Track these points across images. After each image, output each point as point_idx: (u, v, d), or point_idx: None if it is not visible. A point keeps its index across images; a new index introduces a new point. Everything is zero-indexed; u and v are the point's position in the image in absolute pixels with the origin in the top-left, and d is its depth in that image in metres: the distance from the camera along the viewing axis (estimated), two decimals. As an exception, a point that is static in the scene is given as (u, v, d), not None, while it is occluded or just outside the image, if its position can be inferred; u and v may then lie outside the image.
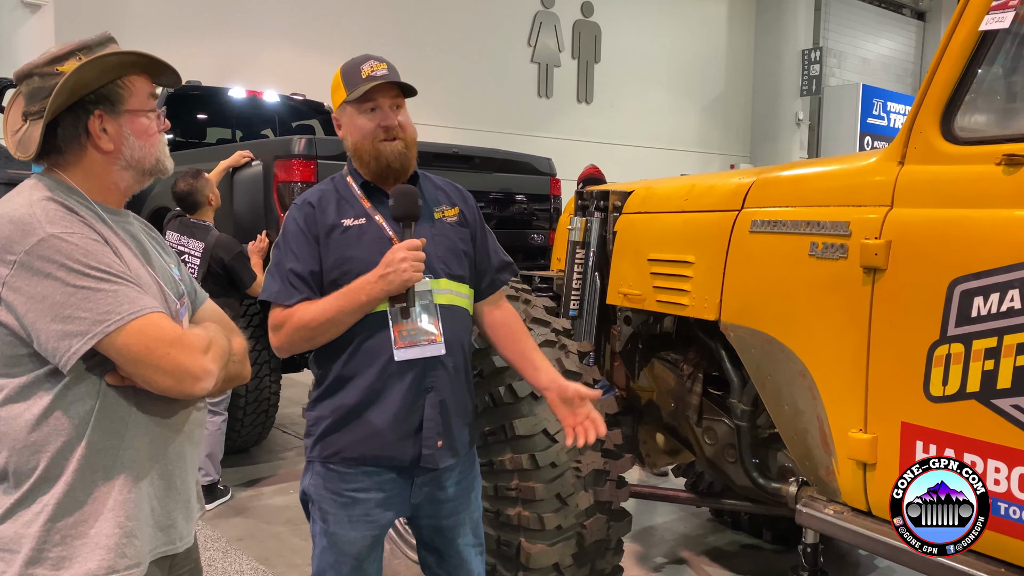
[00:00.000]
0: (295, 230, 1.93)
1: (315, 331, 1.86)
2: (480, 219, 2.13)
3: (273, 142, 5.71)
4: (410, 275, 1.82)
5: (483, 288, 2.09)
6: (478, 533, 2.11)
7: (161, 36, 10.02)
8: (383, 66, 1.93)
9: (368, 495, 1.93)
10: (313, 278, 1.90)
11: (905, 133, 2.07)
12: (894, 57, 20.90)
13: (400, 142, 1.94)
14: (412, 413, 1.90)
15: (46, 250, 1.32)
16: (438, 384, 1.92)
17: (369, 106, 1.92)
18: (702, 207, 2.69)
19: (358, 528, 1.93)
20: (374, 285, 1.83)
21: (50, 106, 1.39)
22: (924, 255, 1.95)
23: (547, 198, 5.42)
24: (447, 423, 1.94)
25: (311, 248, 1.91)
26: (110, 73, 1.45)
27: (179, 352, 1.37)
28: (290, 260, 1.91)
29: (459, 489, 2.03)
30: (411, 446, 1.91)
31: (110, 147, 1.47)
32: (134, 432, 1.43)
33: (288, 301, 1.88)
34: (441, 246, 1.97)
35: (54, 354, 1.33)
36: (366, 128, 1.93)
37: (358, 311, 1.85)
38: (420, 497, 1.98)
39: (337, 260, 1.90)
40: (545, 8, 15.03)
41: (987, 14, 1.89)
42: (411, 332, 1.88)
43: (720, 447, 2.86)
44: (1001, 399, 1.79)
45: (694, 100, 17.80)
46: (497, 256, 2.13)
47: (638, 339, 3.18)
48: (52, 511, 1.36)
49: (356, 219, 1.94)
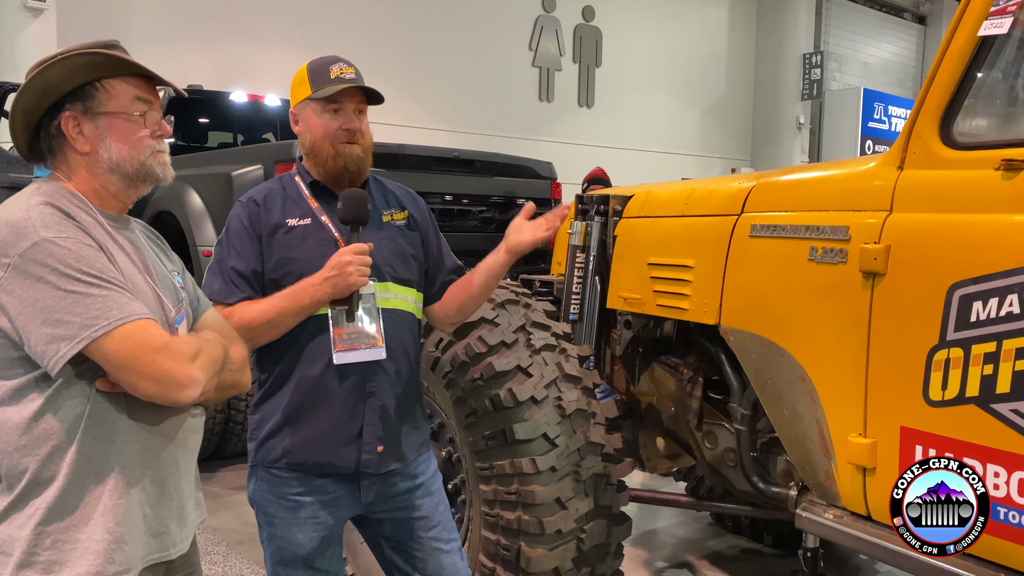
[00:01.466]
0: (238, 228, 1.92)
1: (255, 331, 1.83)
2: (432, 222, 2.12)
3: (274, 146, 5.72)
4: (355, 279, 1.81)
5: (434, 291, 2.10)
6: (449, 528, 2.06)
7: (163, 40, 10.05)
8: (351, 70, 1.94)
9: (314, 498, 1.91)
10: (255, 277, 1.89)
11: (904, 138, 2.07)
12: (895, 61, 20.91)
13: (359, 147, 1.94)
14: (353, 418, 1.89)
15: (39, 254, 1.32)
16: (379, 389, 1.91)
17: (334, 107, 1.92)
18: (702, 211, 2.69)
19: (305, 530, 1.91)
20: (318, 288, 1.81)
21: (17, 105, 1.40)
22: (923, 260, 1.95)
23: (548, 202, 5.42)
24: (389, 428, 1.92)
25: (254, 247, 1.90)
26: (81, 73, 1.45)
27: (165, 359, 1.37)
28: (232, 258, 1.89)
29: (412, 484, 2.00)
30: (352, 451, 1.89)
31: (87, 148, 1.47)
32: (125, 438, 1.43)
33: (229, 299, 1.86)
34: (388, 249, 1.97)
35: (43, 357, 1.33)
36: (329, 127, 1.92)
37: (300, 313, 1.83)
38: (371, 495, 1.95)
39: (280, 260, 1.89)
40: (546, 12, 15.05)
41: (986, 19, 1.89)
42: (351, 336, 1.85)
43: (720, 451, 2.86)
44: (1000, 404, 1.79)
45: (695, 104, 17.82)
46: (450, 260, 2.13)
47: (638, 343, 3.18)
48: (43, 515, 1.37)
49: (301, 219, 1.93)
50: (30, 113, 1.44)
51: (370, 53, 12.26)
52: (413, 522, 2.00)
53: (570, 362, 2.60)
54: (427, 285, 2.09)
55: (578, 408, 2.52)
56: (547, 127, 14.91)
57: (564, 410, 2.49)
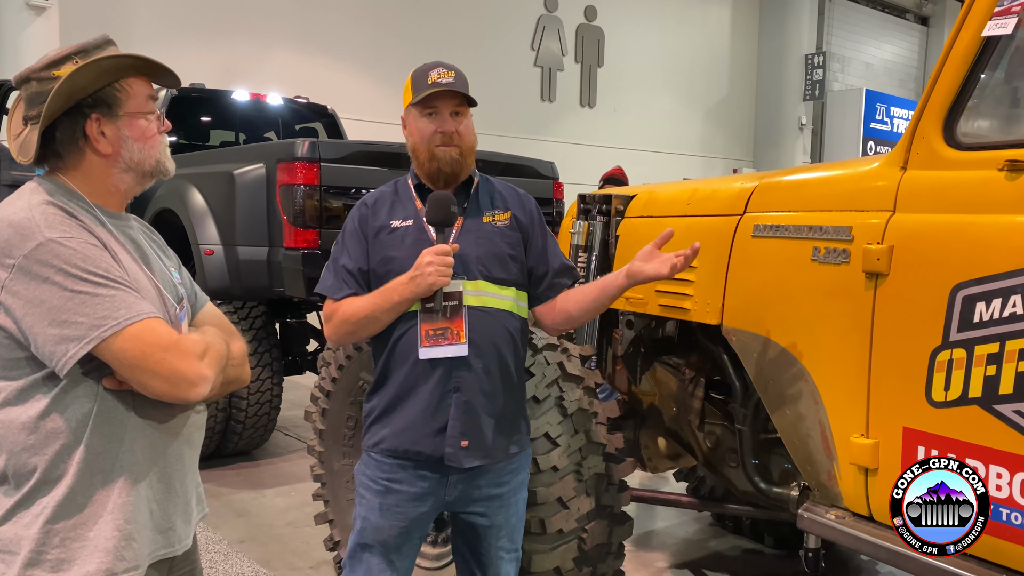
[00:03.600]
0: (351, 229, 2.07)
1: (355, 325, 1.98)
2: (538, 223, 2.15)
3: (276, 145, 5.71)
4: (435, 279, 1.88)
5: (540, 292, 2.12)
6: (514, 538, 2.12)
7: (166, 39, 10.06)
8: (451, 74, 2.00)
9: (401, 487, 1.99)
10: (362, 275, 2.02)
11: (907, 138, 2.07)
12: (897, 62, 20.91)
13: (456, 148, 2.01)
14: (439, 411, 1.95)
15: (44, 254, 1.33)
16: (464, 385, 1.95)
17: (429, 111, 2.00)
18: (705, 211, 2.69)
19: (387, 517, 2.00)
20: (405, 286, 1.92)
21: (45, 111, 1.39)
22: (926, 260, 1.95)
23: (550, 202, 5.41)
24: (474, 424, 1.96)
25: (361, 247, 2.04)
26: (106, 76, 1.46)
27: (175, 357, 1.37)
28: (344, 257, 2.04)
29: (496, 491, 2.04)
30: (438, 443, 1.95)
31: (108, 150, 1.47)
32: (133, 436, 1.44)
33: (337, 295, 2.02)
34: (483, 249, 2.01)
35: (51, 358, 1.33)
36: (425, 131, 2.01)
37: (392, 310, 1.94)
38: (455, 495, 2.02)
39: (382, 260, 2.01)
40: (548, 12, 15.06)
41: (990, 20, 1.89)
42: (436, 332, 1.95)
43: (722, 452, 2.86)
44: (1003, 404, 1.78)
45: (697, 104, 17.82)
46: (557, 261, 2.15)
47: (640, 343, 3.18)
48: (51, 513, 1.37)
49: (405, 220, 2.03)
50: (52, 117, 1.43)
51: (372, 52, 12.27)
52: (487, 529, 2.07)
53: (572, 362, 2.60)
54: (532, 285, 2.12)
55: (580, 408, 2.52)
56: (549, 127, 14.92)
57: (566, 409, 2.49)
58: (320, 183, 4.16)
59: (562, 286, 2.14)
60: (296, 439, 5.74)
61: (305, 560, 3.70)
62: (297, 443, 5.64)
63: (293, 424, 6.03)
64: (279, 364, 4.99)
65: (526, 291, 2.10)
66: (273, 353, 4.94)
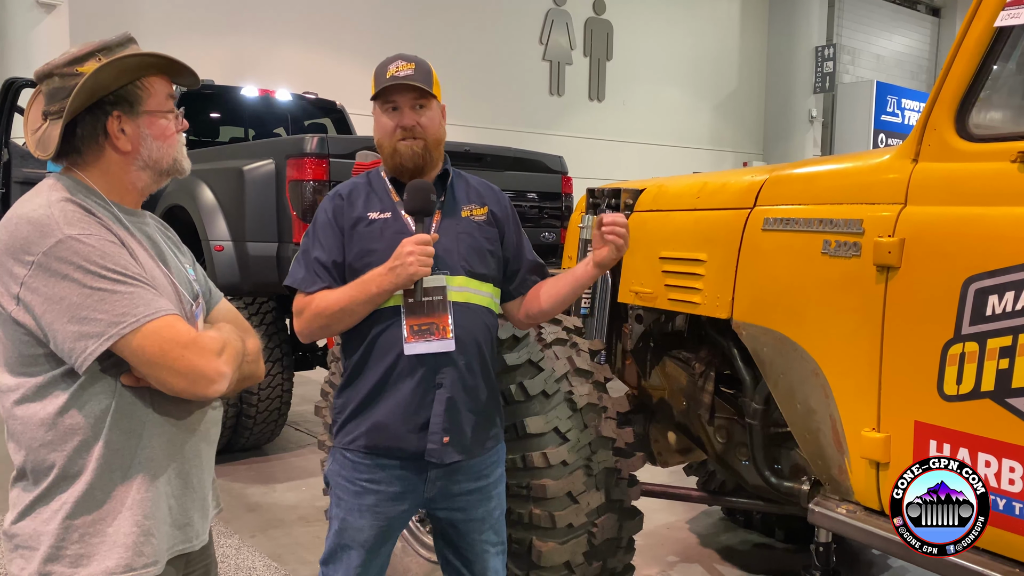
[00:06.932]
0: (324, 220, 2.01)
1: (330, 319, 1.92)
2: (513, 219, 2.15)
3: (285, 141, 5.72)
4: (416, 269, 1.85)
5: (512, 288, 2.12)
6: (498, 531, 2.11)
7: (174, 35, 10.07)
8: (410, 66, 1.96)
9: (379, 487, 1.96)
10: (336, 268, 1.96)
11: (919, 130, 2.05)
12: (908, 54, 20.76)
13: (419, 142, 1.97)
14: (422, 408, 1.93)
15: (64, 251, 1.33)
16: (448, 381, 1.94)
17: (390, 105, 1.97)
18: (714, 205, 2.68)
19: (367, 517, 1.97)
20: (383, 277, 1.87)
21: (69, 107, 1.40)
22: (938, 253, 1.93)
23: (559, 196, 5.41)
24: (456, 420, 1.95)
25: (336, 239, 1.98)
26: (129, 74, 1.46)
27: (193, 354, 1.38)
28: (316, 249, 1.98)
29: (475, 485, 2.03)
30: (419, 440, 1.93)
31: (128, 148, 1.48)
32: (151, 432, 1.44)
33: (310, 288, 1.95)
34: (464, 243, 2.00)
35: (70, 355, 1.34)
36: (387, 126, 1.98)
37: (369, 302, 1.90)
38: (434, 491, 2.00)
39: (360, 252, 1.96)
40: (557, 6, 15.01)
41: (1003, 10, 1.87)
42: (422, 327, 1.91)
43: (732, 446, 2.85)
44: (1016, 398, 1.77)
45: (707, 97, 17.74)
46: (530, 257, 2.15)
47: (650, 337, 3.17)
48: (71, 509, 1.38)
49: (382, 213, 2.00)
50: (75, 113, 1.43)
51: (380, 47, 12.23)
52: (468, 524, 2.05)
53: (581, 356, 2.60)
54: (505, 281, 2.11)
55: (589, 402, 2.52)
56: (558, 121, 14.88)
57: (575, 404, 2.49)
58: (329, 179, 4.16)
59: (533, 283, 2.14)
60: (307, 434, 5.77)
61: (316, 554, 3.70)
62: (308, 438, 5.67)
63: (304, 419, 6.05)
64: (289, 359, 5.01)
65: (499, 287, 2.09)
66: (283, 348, 4.96)
